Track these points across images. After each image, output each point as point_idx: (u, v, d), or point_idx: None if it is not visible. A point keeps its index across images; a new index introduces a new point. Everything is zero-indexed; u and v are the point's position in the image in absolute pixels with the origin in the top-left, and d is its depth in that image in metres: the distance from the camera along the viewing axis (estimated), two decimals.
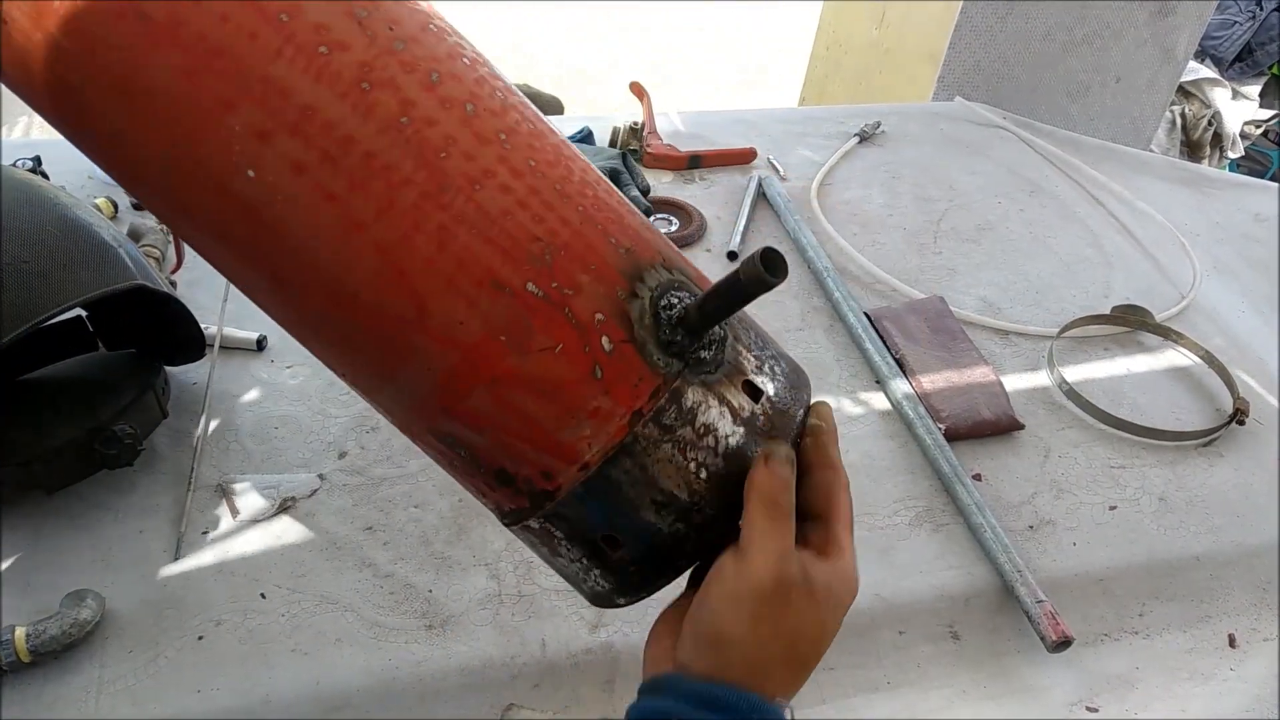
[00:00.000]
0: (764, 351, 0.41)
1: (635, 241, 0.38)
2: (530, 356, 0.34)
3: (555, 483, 0.36)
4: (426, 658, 0.62)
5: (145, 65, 0.33)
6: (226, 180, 0.34)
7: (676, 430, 0.36)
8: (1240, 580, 0.76)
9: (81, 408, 0.69)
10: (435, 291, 0.34)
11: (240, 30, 0.33)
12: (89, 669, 0.60)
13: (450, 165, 0.34)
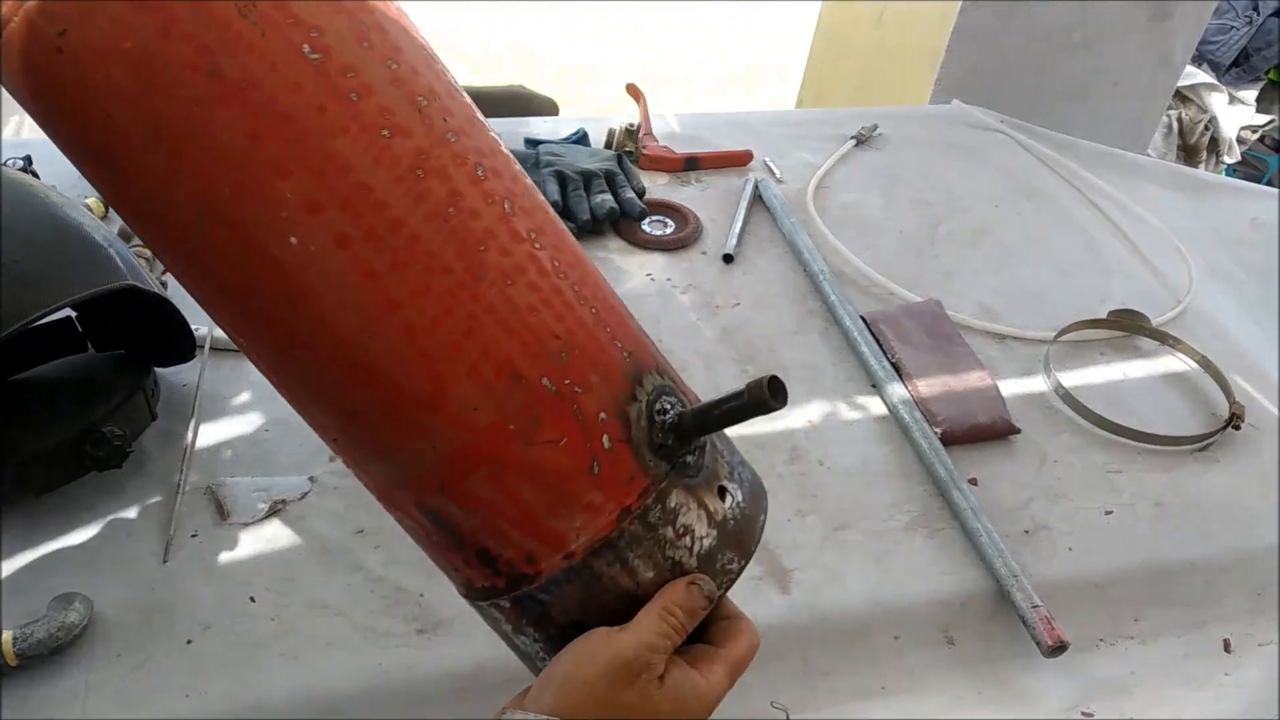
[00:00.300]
0: (733, 457, 0.43)
1: (636, 346, 0.40)
2: (535, 447, 0.36)
3: (537, 568, 0.38)
4: (418, 662, 0.62)
5: (206, 120, 0.33)
6: (265, 243, 0.34)
7: (659, 529, 0.38)
8: (1236, 585, 0.76)
9: (70, 409, 0.68)
10: (456, 376, 0.36)
11: (310, 101, 0.34)
12: (76, 673, 0.59)
13: (488, 259, 0.36)
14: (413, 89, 0.36)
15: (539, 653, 0.41)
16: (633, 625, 0.38)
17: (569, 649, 0.39)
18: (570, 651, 0.38)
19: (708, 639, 0.42)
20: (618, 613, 0.38)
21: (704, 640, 0.42)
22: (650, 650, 0.38)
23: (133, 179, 0.35)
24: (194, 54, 0.33)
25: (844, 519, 0.75)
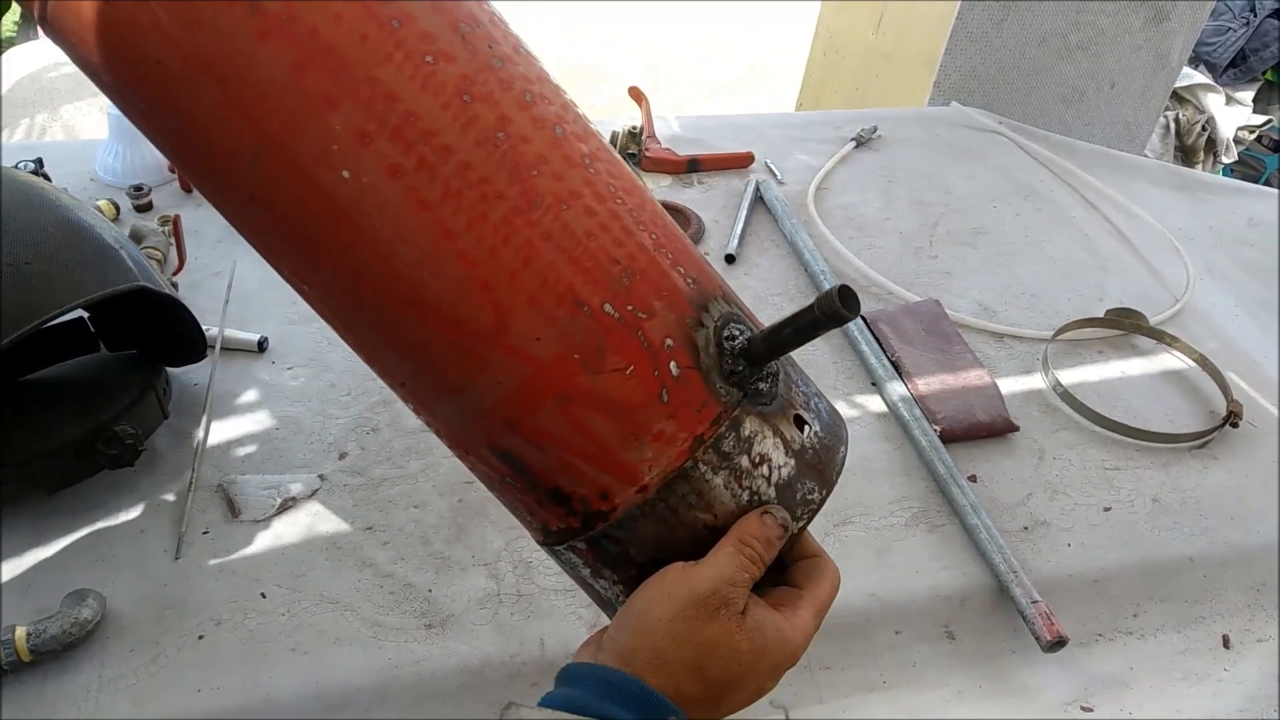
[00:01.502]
0: (809, 388, 0.42)
1: (700, 274, 0.39)
2: (602, 376, 0.35)
3: (611, 503, 0.37)
4: (426, 657, 0.63)
5: (251, 55, 0.33)
6: (319, 177, 0.34)
7: (734, 458, 0.37)
8: (1234, 581, 0.77)
9: (83, 408, 0.69)
10: (517, 306, 0.35)
11: (352, 30, 0.33)
12: (89, 668, 0.60)
13: (541, 184, 0.35)
14: (454, 16, 0.35)
15: (618, 596, 0.39)
16: (708, 559, 0.37)
17: (643, 588, 0.37)
18: (645, 590, 0.37)
19: (789, 580, 0.40)
20: (697, 550, 0.37)
21: (786, 582, 0.40)
22: (728, 584, 0.36)
23: (186, 127, 0.35)
24: None
25: (845, 515, 0.76)
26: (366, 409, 0.81)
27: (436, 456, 0.77)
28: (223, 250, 0.96)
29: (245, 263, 0.94)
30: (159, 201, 1.02)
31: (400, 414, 0.81)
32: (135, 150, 1.03)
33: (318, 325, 0.89)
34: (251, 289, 0.92)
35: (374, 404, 0.81)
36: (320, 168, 0.34)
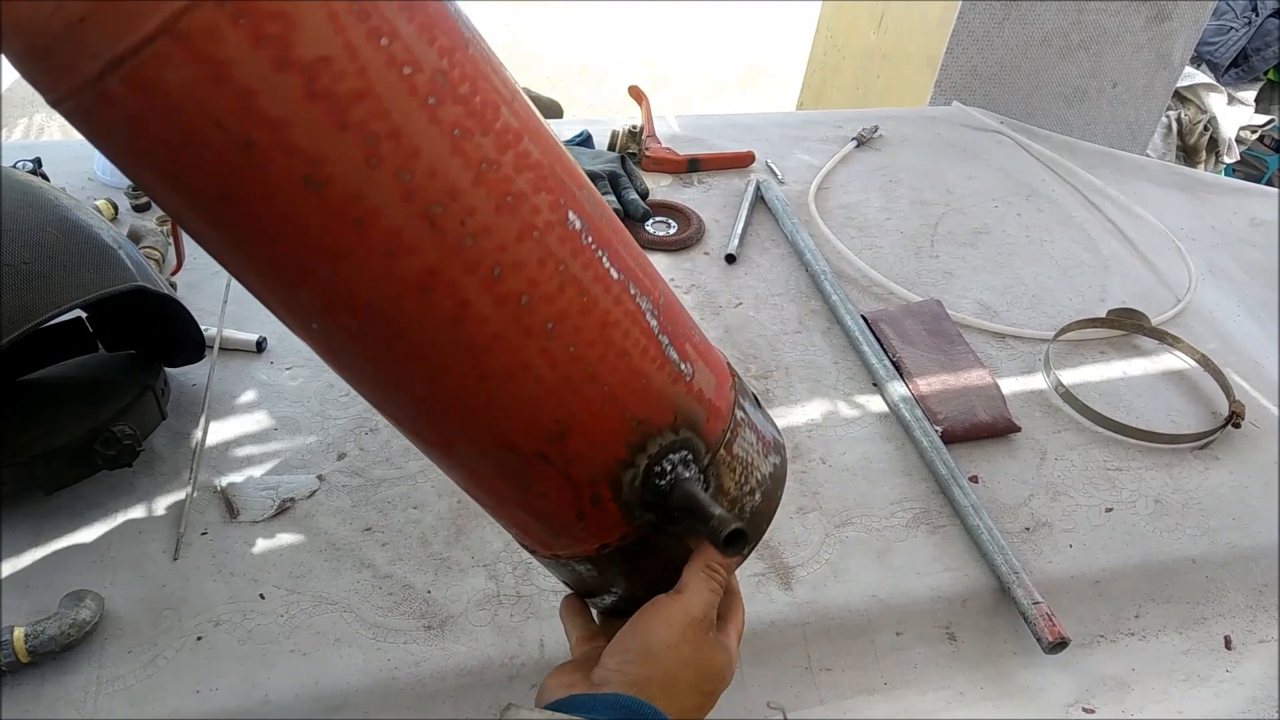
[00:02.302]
0: (743, 488, 0.45)
1: (652, 409, 0.41)
2: (529, 495, 0.42)
3: (555, 553, 0.46)
4: (425, 658, 0.62)
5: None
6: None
7: (635, 560, 0.44)
8: (1236, 582, 0.77)
9: (81, 408, 0.69)
10: (462, 438, 0.41)
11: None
12: (88, 669, 0.60)
13: (493, 361, 0.38)
14: (423, 200, 0.35)
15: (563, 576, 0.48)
16: (688, 586, 0.42)
17: (638, 621, 0.42)
18: (642, 622, 0.42)
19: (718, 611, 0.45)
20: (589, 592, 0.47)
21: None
22: (711, 606, 0.42)
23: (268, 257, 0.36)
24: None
25: (846, 516, 0.76)
26: (365, 409, 0.80)
27: None
28: None
29: None
30: None
31: None
32: None
33: None
34: None
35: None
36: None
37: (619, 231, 0.42)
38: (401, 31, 0.33)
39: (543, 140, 0.38)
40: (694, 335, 0.45)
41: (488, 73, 0.36)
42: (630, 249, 0.42)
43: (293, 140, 0.32)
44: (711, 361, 0.46)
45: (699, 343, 0.45)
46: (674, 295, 0.45)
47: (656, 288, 0.43)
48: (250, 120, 0.31)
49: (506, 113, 0.36)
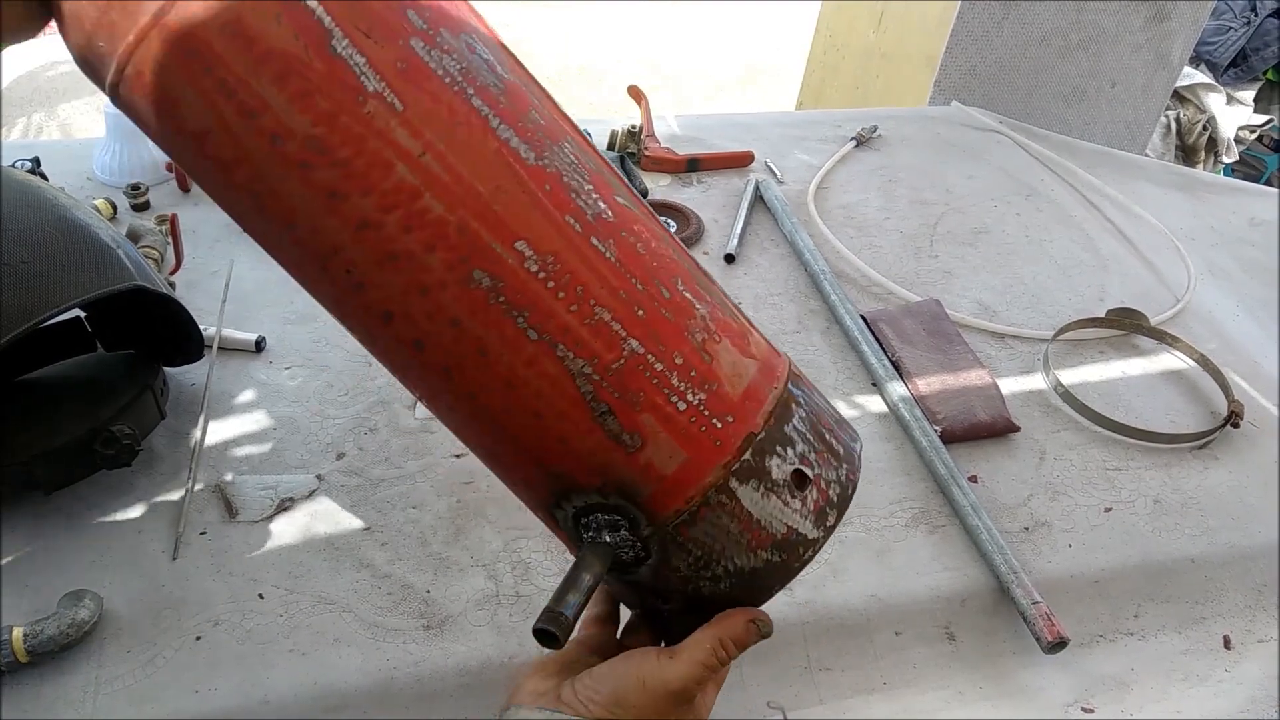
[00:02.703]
0: (701, 573, 0.42)
1: (572, 469, 0.41)
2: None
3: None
4: (424, 658, 0.62)
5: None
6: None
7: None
8: (1235, 582, 0.77)
9: (80, 408, 0.69)
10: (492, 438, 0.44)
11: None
12: (87, 669, 0.60)
13: (417, 378, 0.44)
14: (313, 249, 0.40)
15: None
16: (684, 652, 0.40)
17: (619, 668, 0.41)
18: (620, 673, 0.41)
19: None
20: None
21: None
22: (696, 684, 0.40)
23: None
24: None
25: (845, 516, 0.76)
26: (364, 409, 0.80)
27: (435, 457, 0.77)
28: (220, 250, 0.96)
29: (243, 262, 0.94)
30: (156, 200, 1.02)
31: (398, 414, 0.80)
32: (132, 149, 1.03)
33: (315, 325, 0.89)
34: (249, 288, 0.91)
35: (372, 404, 0.81)
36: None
37: (572, 287, 0.39)
38: (271, 102, 0.35)
39: (456, 195, 0.37)
40: (672, 406, 0.40)
41: (389, 128, 0.36)
42: (589, 304, 0.39)
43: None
44: (692, 439, 0.40)
45: (681, 413, 0.40)
46: (682, 353, 0.41)
47: (616, 350, 0.39)
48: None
49: (404, 170, 0.36)
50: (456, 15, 0.39)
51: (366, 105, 0.35)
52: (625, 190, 0.43)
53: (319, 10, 0.34)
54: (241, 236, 0.98)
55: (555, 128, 0.41)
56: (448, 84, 0.37)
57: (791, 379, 0.46)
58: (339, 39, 0.35)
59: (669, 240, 0.44)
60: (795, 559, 0.43)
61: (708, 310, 0.43)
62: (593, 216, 0.39)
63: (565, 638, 0.39)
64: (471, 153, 0.37)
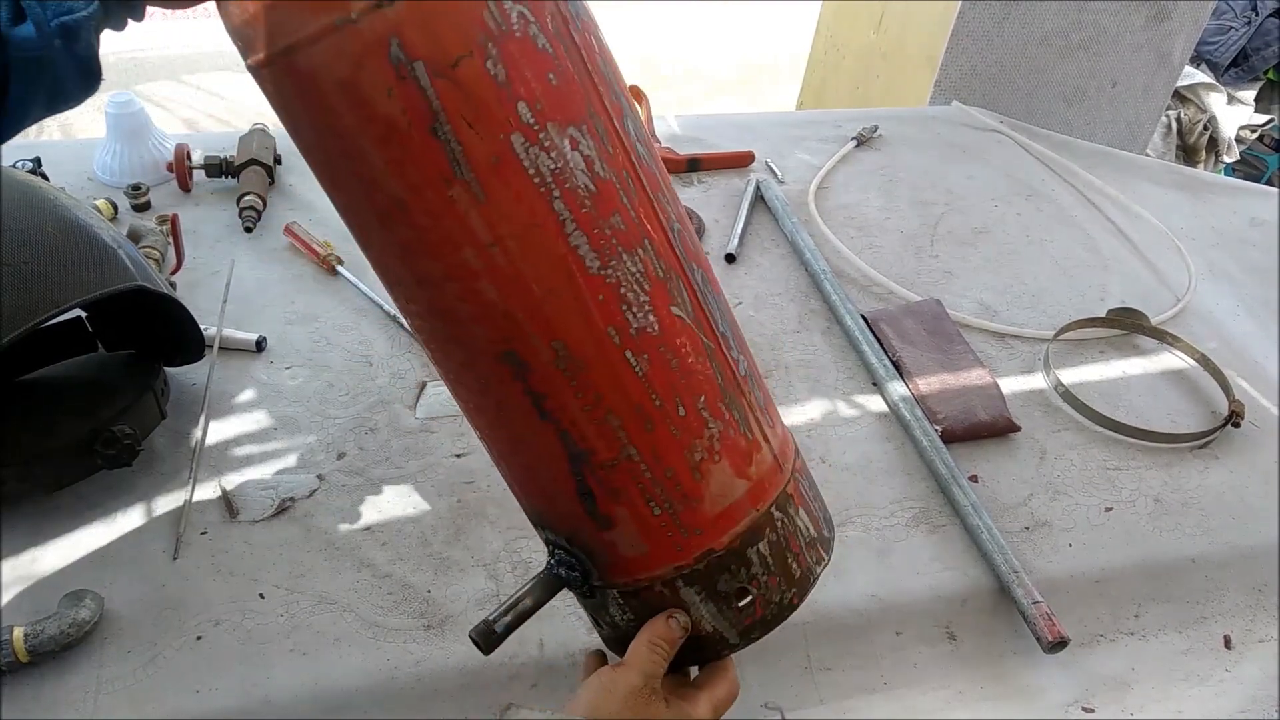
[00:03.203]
0: (631, 624, 0.49)
1: (549, 516, 0.48)
2: None
3: None
4: (425, 657, 0.62)
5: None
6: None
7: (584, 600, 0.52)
8: (1236, 582, 0.77)
9: (81, 408, 0.69)
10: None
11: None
12: (87, 669, 0.60)
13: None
14: None
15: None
16: (628, 659, 0.47)
17: (591, 683, 0.47)
18: (589, 688, 0.47)
19: (697, 681, 0.50)
20: None
21: (695, 679, 0.50)
22: (652, 676, 0.46)
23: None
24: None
25: (845, 515, 0.76)
26: (365, 409, 0.81)
27: (435, 457, 0.77)
28: (221, 250, 0.96)
29: (243, 262, 0.94)
30: (157, 201, 1.02)
31: (399, 414, 0.80)
32: (133, 149, 1.03)
33: (316, 325, 0.89)
34: (249, 289, 0.91)
35: (372, 404, 0.81)
36: None
37: (591, 391, 0.41)
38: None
39: (511, 287, 0.39)
40: (649, 509, 0.44)
41: (467, 214, 0.38)
42: (603, 409, 0.42)
43: None
44: (657, 539, 0.44)
45: (655, 517, 0.44)
46: (675, 468, 0.44)
47: (614, 452, 0.42)
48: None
49: (470, 254, 0.39)
50: (575, 103, 0.38)
51: (452, 189, 0.37)
52: (688, 295, 0.43)
53: (431, 93, 0.35)
54: (243, 236, 0.98)
55: (635, 232, 0.41)
56: (535, 184, 0.37)
57: (780, 501, 0.47)
58: (442, 123, 0.35)
59: (714, 351, 0.44)
60: (712, 654, 0.49)
61: (720, 429, 0.44)
62: (636, 330, 0.41)
63: (489, 650, 0.47)
64: (537, 254, 0.38)
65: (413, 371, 0.85)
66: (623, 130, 0.41)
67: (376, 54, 0.34)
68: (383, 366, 0.85)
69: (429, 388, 0.83)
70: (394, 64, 0.34)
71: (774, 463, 0.47)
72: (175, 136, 1.09)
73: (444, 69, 0.35)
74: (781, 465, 0.48)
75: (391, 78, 0.34)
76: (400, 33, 0.34)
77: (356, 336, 0.88)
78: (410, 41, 0.34)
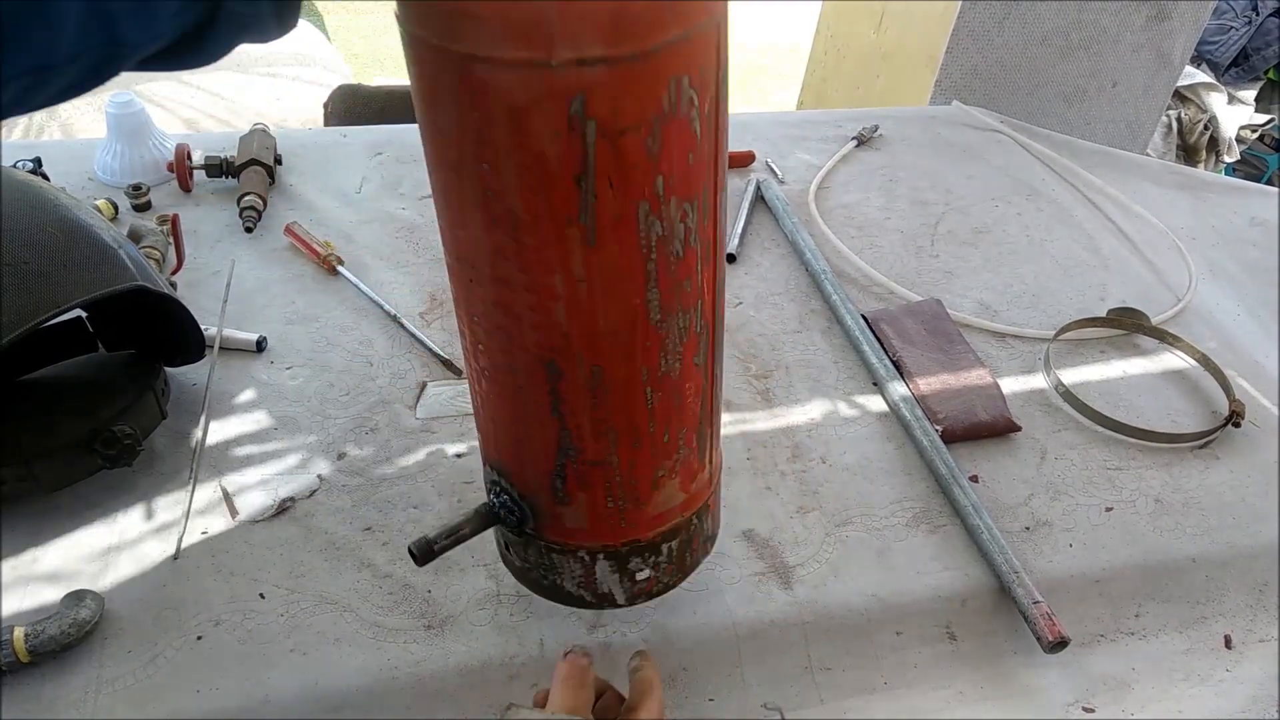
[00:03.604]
0: None
1: (516, 473, 0.53)
2: None
3: None
4: (425, 658, 0.62)
5: None
6: None
7: None
8: (1236, 582, 0.77)
9: (81, 408, 0.69)
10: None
11: None
12: (88, 669, 0.60)
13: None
14: None
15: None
16: (550, 702, 0.49)
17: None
18: None
19: (626, 706, 0.52)
20: None
21: (625, 706, 0.52)
22: (573, 712, 0.48)
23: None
24: None
25: (845, 516, 0.76)
26: (365, 409, 0.81)
27: (435, 457, 0.77)
28: (221, 250, 0.96)
29: (244, 262, 0.94)
30: (157, 201, 1.02)
31: (399, 414, 0.81)
32: (133, 149, 1.03)
33: (316, 325, 0.89)
34: (250, 288, 0.91)
35: (373, 404, 0.81)
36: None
37: (605, 408, 0.47)
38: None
39: (579, 316, 0.43)
40: (604, 502, 0.51)
41: (572, 251, 0.41)
42: (609, 424, 0.48)
43: None
44: (599, 522, 0.53)
45: (607, 509, 0.52)
46: (640, 478, 0.51)
47: (600, 455, 0.49)
48: None
49: (558, 280, 0.42)
50: (697, 181, 0.41)
51: (569, 228, 0.40)
52: (709, 347, 0.49)
53: (591, 150, 0.37)
54: (243, 236, 0.98)
55: (694, 294, 0.45)
56: (641, 244, 0.41)
57: (700, 510, 0.56)
58: (589, 177, 0.38)
59: (707, 391, 0.51)
60: (596, 606, 0.58)
61: (685, 454, 0.52)
62: (661, 374, 0.46)
63: (423, 562, 0.52)
64: (615, 299, 0.43)
65: (413, 371, 0.85)
66: (718, 204, 0.44)
67: (558, 101, 0.36)
68: (383, 366, 0.85)
69: (429, 388, 0.83)
70: (570, 116, 0.36)
71: (708, 479, 0.56)
72: (175, 136, 1.09)
73: (611, 134, 0.37)
74: (712, 480, 0.57)
75: (563, 126, 0.36)
76: (588, 92, 0.36)
77: (357, 336, 0.88)
78: (593, 103, 0.36)
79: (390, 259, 0.98)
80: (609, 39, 0.34)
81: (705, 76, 0.38)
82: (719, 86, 0.40)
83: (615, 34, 0.34)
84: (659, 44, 0.36)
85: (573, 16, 0.34)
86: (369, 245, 1.00)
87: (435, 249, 1.00)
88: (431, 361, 0.86)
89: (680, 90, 0.37)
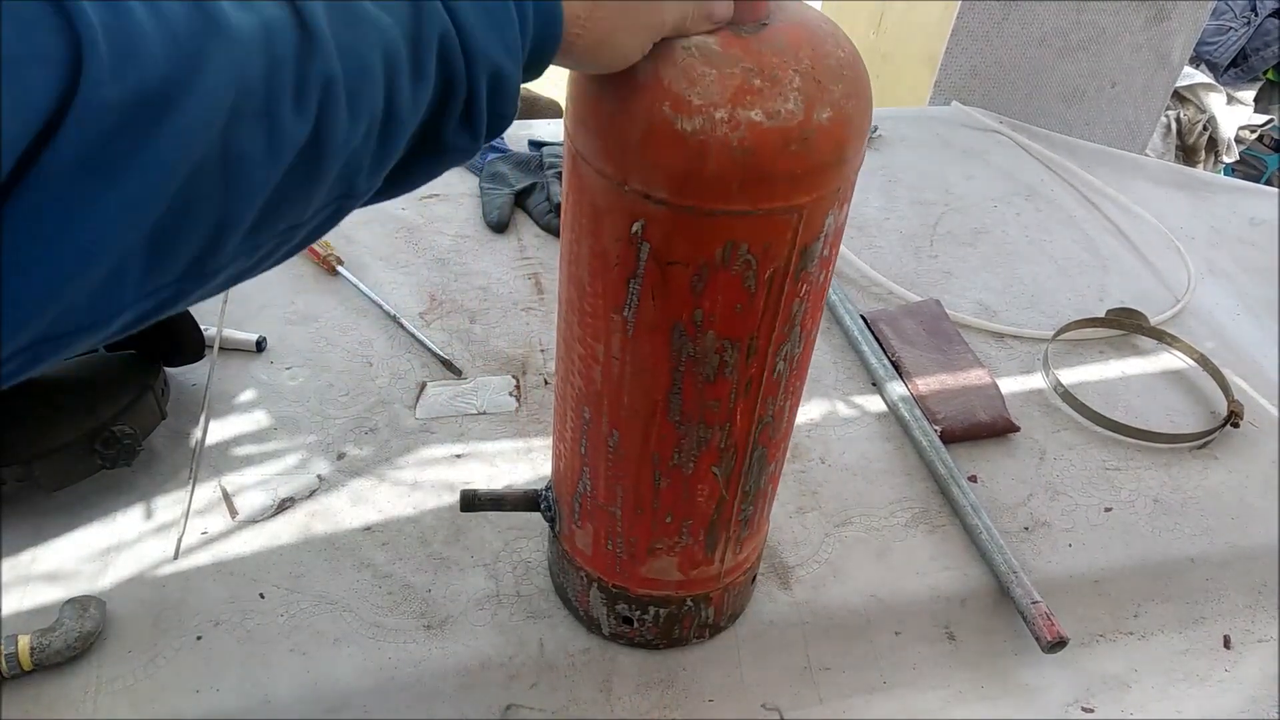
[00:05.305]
0: None
1: (557, 480, 0.62)
2: None
3: None
4: (425, 658, 0.62)
5: None
6: None
7: None
8: (1235, 582, 0.77)
9: (81, 408, 0.69)
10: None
11: None
12: (87, 670, 0.60)
13: None
14: None
15: None
16: None
17: None
18: None
19: None
20: None
21: None
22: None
23: None
24: None
25: (845, 516, 0.76)
26: (365, 409, 0.81)
27: (435, 457, 0.77)
28: None
29: None
30: None
31: (398, 414, 0.81)
32: None
33: (316, 325, 0.89)
34: (250, 289, 0.91)
35: (372, 404, 0.81)
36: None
37: (622, 467, 0.53)
38: None
39: (610, 386, 0.50)
40: (607, 546, 0.59)
41: (611, 332, 0.47)
42: (621, 483, 0.54)
43: None
44: (599, 559, 0.60)
45: (607, 550, 0.59)
46: (640, 544, 0.58)
47: (609, 503, 0.56)
48: None
49: (600, 348, 0.49)
50: (743, 328, 0.46)
51: (617, 315, 0.46)
52: (735, 466, 0.53)
53: (641, 265, 0.43)
54: None
55: (722, 417, 0.50)
56: (671, 353, 0.46)
57: (699, 598, 0.62)
58: (637, 282, 0.44)
59: (725, 501, 0.55)
60: (590, 629, 0.65)
61: (688, 542, 0.57)
62: (672, 465, 0.51)
63: (464, 509, 0.63)
64: (640, 387, 0.48)
65: (413, 372, 0.85)
66: (773, 352, 0.47)
67: (623, 216, 0.42)
68: (383, 366, 0.85)
69: (429, 388, 0.83)
70: (631, 233, 0.42)
71: (714, 575, 0.60)
72: None
73: (660, 260, 0.42)
74: (720, 578, 0.61)
75: (625, 235, 0.42)
76: (650, 222, 0.41)
77: (356, 336, 0.88)
78: (652, 233, 0.42)
79: (390, 259, 0.98)
80: (674, 190, 0.40)
81: (772, 251, 0.42)
82: (792, 263, 0.43)
83: (682, 189, 0.40)
84: (719, 210, 0.40)
85: (649, 162, 0.40)
86: (369, 245, 1.00)
87: (435, 249, 1.00)
88: (431, 362, 0.86)
89: (736, 252, 0.42)
